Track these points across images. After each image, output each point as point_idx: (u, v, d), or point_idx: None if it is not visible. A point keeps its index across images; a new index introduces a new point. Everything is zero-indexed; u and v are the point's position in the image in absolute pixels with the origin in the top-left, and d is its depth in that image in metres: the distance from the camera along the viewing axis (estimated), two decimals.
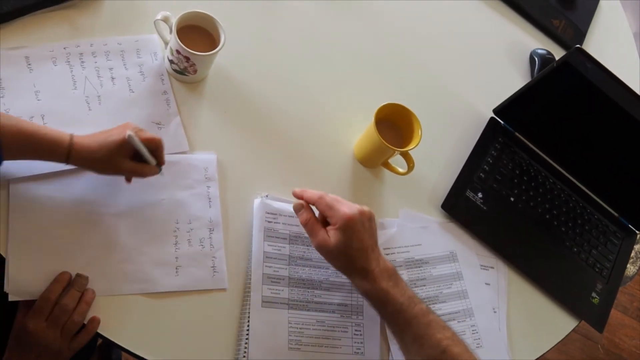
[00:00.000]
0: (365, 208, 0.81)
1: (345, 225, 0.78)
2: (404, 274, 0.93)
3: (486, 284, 0.98)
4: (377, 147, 0.93)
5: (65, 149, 0.75)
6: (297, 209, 0.83)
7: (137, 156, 0.79)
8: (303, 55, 1.05)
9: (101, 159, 0.76)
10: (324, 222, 0.82)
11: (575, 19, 1.34)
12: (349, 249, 0.79)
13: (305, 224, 0.82)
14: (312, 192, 0.83)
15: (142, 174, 0.80)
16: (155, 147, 0.79)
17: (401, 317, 0.78)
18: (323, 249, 0.80)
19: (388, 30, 1.16)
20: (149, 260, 0.81)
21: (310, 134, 0.99)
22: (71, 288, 0.75)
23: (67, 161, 0.76)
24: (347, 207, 0.80)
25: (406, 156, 0.94)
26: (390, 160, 0.98)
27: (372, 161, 0.99)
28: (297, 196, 0.84)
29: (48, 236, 0.78)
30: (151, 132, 0.83)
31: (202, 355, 0.80)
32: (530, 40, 1.29)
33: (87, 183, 0.82)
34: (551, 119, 1.10)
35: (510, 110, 1.12)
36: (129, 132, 0.75)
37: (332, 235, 0.79)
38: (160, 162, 0.81)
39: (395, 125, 0.96)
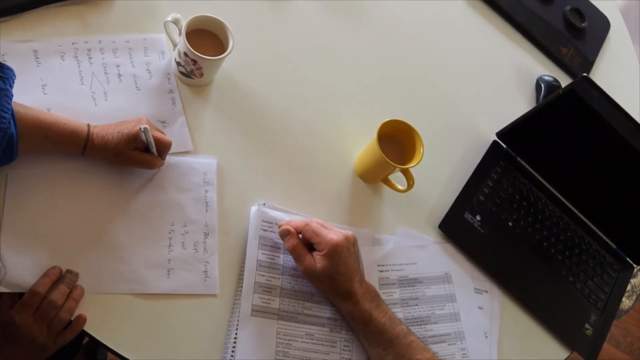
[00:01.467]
0: (350, 233, 0.84)
1: (332, 251, 0.81)
2: (397, 292, 0.92)
3: (479, 307, 0.97)
4: (378, 163, 0.92)
5: (84, 139, 0.78)
6: (284, 235, 0.85)
7: (145, 150, 0.81)
8: (311, 65, 1.06)
9: (114, 149, 0.79)
10: (310, 247, 0.84)
11: (583, 48, 1.34)
12: (335, 273, 0.82)
13: (292, 250, 0.84)
14: (297, 221, 0.86)
15: (152, 166, 0.83)
16: (164, 147, 0.82)
17: (383, 338, 0.81)
18: (310, 274, 0.83)
19: (398, 45, 1.16)
20: (142, 260, 0.80)
21: (312, 145, 0.99)
22: (61, 283, 0.75)
23: (83, 152, 0.79)
24: (333, 233, 0.83)
25: (406, 174, 0.94)
26: (390, 177, 0.98)
27: (372, 176, 0.98)
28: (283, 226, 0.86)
29: (41, 229, 0.77)
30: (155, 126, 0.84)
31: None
32: (538, 67, 1.29)
33: (85, 180, 0.81)
34: (554, 146, 1.10)
35: (514, 134, 1.11)
36: (144, 126, 0.77)
37: (318, 261, 0.82)
38: (162, 159, 0.84)
39: (397, 141, 0.96)
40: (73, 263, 0.77)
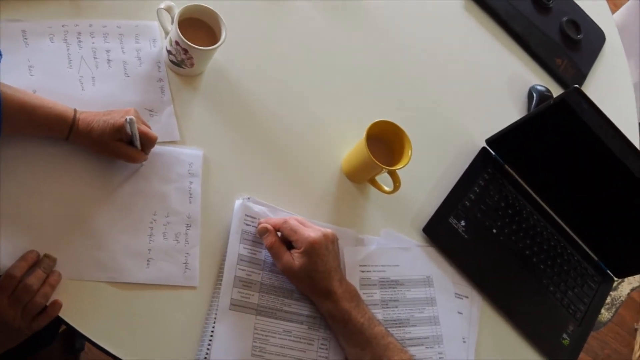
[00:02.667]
0: (329, 231, 0.84)
1: (310, 248, 0.81)
2: (377, 293, 0.92)
3: (459, 312, 0.97)
4: (366, 163, 0.92)
5: (69, 124, 0.77)
6: (262, 233, 0.85)
7: (129, 142, 0.80)
8: (303, 62, 1.05)
9: (98, 138, 0.78)
10: (289, 245, 0.84)
11: (577, 60, 1.34)
12: (313, 271, 0.82)
13: (270, 248, 0.84)
14: (276, 218, 0.87)
15: (134, 160, 0.81)
16: (148, 142, 0.81)
17: (361, 337, 0.81)
18: (288, 271, 0.83)
19: (392, 48, 1.16)
20: (121, 249, 0.80)
21: (300, 142, 0.98)
22: (37, 268, 0.74)
23: (68, 137, 0.78)
24: (311, 230, 0.83)
25: (393, 175, 0.93)
26: (377, 178, 0.97)
27: (359, 176, 0.98)
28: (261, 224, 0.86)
29: (20, 212, 0.76)
30: (143, 119, 0.83)
31: (163, 352, 0.78)
32: (531, 76, 1.29)
33: (68, 165, 0.80)
34: (542, 156, 1.10)
35: (503, 142, 1.12)
36: (129, 117, 0.76)
37: (296, 259, 0.82)
38: (145, 154, 0.82)
39: (386, 142, 0.96)
40: (51, 248, 0.76)
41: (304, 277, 0.82)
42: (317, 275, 0.82)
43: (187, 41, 0.84)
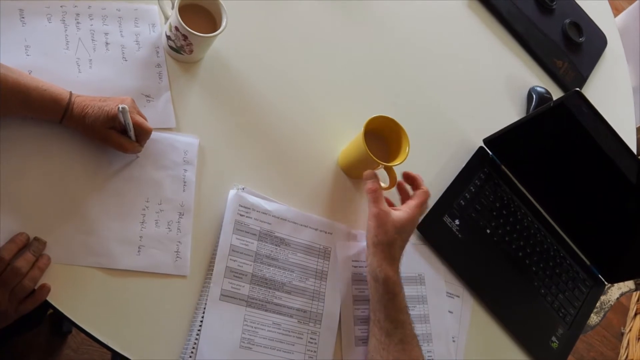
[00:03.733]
0: None
1: (417, 218, 0.87)
2: (369, 289, 0.91)
3: (449, 311, 0.97)
4: (363, 158, 0.91)
5: (63, 107, 0.75)
6: (369, 176, 0.87)
7: (123, 131, 0.79)
8: (303, 54, 1.04)
9: (91, 124, 0.76)
10: None
11: (578, 63, 1.34)
12: (403, 233, 0.85)
13: (373, 191, 0.85)
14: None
15: (125, 150, 0.79)
16: (142, 134, 0.79)
17: (399, 318, 0.81)
18: (383, 217, 0.84)
19: (392, 44, 1.15)
20: (113, 235, 0.79)
21: (297, 134, 0.97)
22: (27, 251, 0.73)
23: (61, 120, 0.76)
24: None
25: (389, 171, 0.93)
26: None
27: (355, 171, 0.97)
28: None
29: (11, 194, 0.75)
30: (139, 105, 0.82)
31: (151, 340, 0.77)
32: (531, 77, 1.29)
33: (61, 147, 0.79)
34: (539, 158, 1.10)
35: (500, 142, 1.11)
36: (122, 105, 0.74)
37: (398, 212, 0.85)
38: (140, 145, 0.81)
39: (383, 138, 0.95)
40: (41, 231, 0.75)
41: (393, 230, 0.83)
42: (401, 238, 0.84)
43: (187, 27, 0.83)
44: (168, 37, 0.88)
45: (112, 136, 0.78)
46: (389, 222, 0.83)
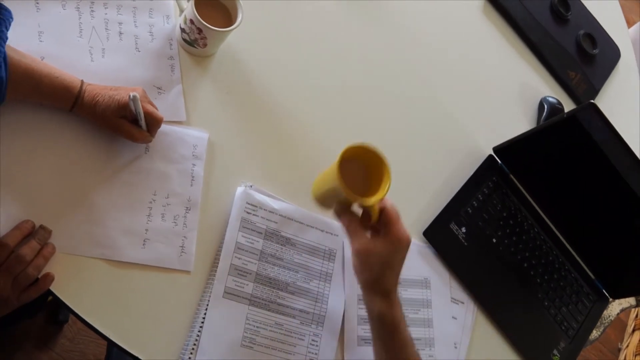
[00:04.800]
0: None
1: (402, 243, 0.75)
2: None
3: (453, 317, 0.96)
4: (333, 190, 0.74)
5: (75, 95, 0.75)
6: (339, 214, 0.77)
7: (134, 121, 0.78)
8: (316, 56, 1.03)
9: (102, 112, 0.76)
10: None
11: (591, 75, 1.33)
12: (391, 265, 0.74)
13: (348, 225, 0.75)
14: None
15: (135, 139, 0.79)
16: (154, 122, 0.79)
17: (402, 354, 0.75)
18: (364, 253, 0.74)
19: (406, 46, 1.14)
20: (118, 226, 0.78)
21: (305, 135, 0.96)
22: (32, 239, 0.72)
23: (72, 108, 0.76)
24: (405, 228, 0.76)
25: (369, 208, 0.75)
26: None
27: (329, 203, 0.79)
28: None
29: (18, 180, 0.74)
30: (150, 97, 0.81)
31: (152, 334, 0.77)
32: (543, 87, 1.28)
33: (71, 136, 0.78)
34: (548, 169, 1.09)
35: (510, 151, 1.10)
36: (133, 94, 0.74)
37: (381, 243, 0.74)
38: (151, 135, 0.80)
39: (364, 167, 0.77)
40: (47, 219, 0.74)
41: (380, 265, 0.73)
42: (391, 271, 0.74)
43: (202, 20, 0.82)
44: (182, 30, 0.87)
45: (123, 125, 0.77)
46: (371, 257, 0.74)
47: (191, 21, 0.83)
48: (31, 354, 1.45)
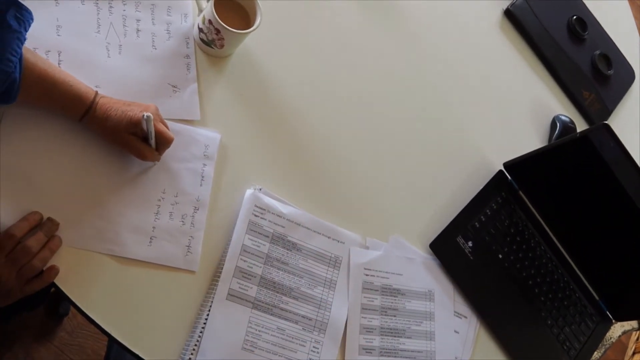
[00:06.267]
0: None
1: None
2: (378, 300, 0.91)
3: (455, 331, 0.96)
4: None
5: (86, 106, 0.74)
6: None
7: (144, 138, 0.77)
8: (332, 63, 1.03)
9: (112, 127, 0.75)
10: None
11: (604, 96, 1.33)
12: None
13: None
14: None
15: (143, 157, 0.78)
16: (163, 142, 0.78)
17: None
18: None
19: (421, 56, 1.14)
20: (126, 223, 0.78)
21: (317, 141, 0.96)
22: (39, 230, 0.72)
23: (81, 118, 0.75)
24: None
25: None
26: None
27: None
28: None
29: (28, 172, 0.74)
30: (165, 94, 0.81)
31: (153, 332, 0.76)
32: (556, 105, 1.27)
33: (82, 131, 0.78)
34: (557, 187, 1.08)
35: (520, 167, 1.10)
36: (147, 114, 0.73)
37: None
38: (159, 154, 0.80)
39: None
40: (55, 212, 0.74)
41: None
42: None
43: (220, 21, 0.82)
44: (200, 30, 0.87)
45: (133, 142, 0.77)
46: None
47: (210, 21, 0.84)
48: (30, 346, 1.45)
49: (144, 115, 0.73)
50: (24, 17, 0.68)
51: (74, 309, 0.77)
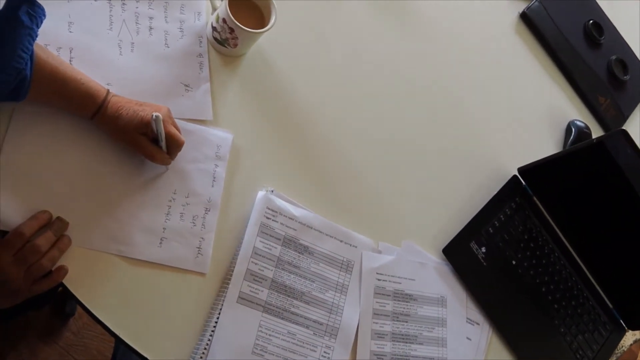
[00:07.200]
0: None
1: None
2: (390, 305, 0.89)
3: (467, 338, 0.94)
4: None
5: (97, 104, 0.73)
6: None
7: (155, 140, 0.76)
8: (348, 63, 1.02)
9: (123, 126, 0.74)
10: None
11: (620, 101, 1.31)
12: None
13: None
14: None
15: (153, 159, 0.77)
16: (174, 145, 0.77)
17: None
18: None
19: (437, 60, 1.13)
20: (136, 223, 0.77)
21: (329, 143, 0.95)
22: (48, 230, 0.71)
23: (93, 117, 0.74)
24: None
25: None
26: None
27: None
28: None
29: (38, 170, 0.73)
30: (177, 93, 0.80)
31: (162, 335, 0.75)
32: (572, 110, 1.26)
33: (92, 130, 0.77)
34: (572, 193, 1.07)
35: (535, 173, 1.08)
36: (156, 114, 0.72)
37: None
38: (170, 157, 0.78)
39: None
40: (65, 211, 0.73)
41: None
42: None
43: (235, 20, 0.81)
44: (214, 28, 0.86)
45: (142, 143, 0.75)
46: None
47: (224, 20, 0.82)
48: (35, 346, 1.44)
49: (153, 116, 0.72)
50: (36, 13, 0.67)
51: (80, 309, 0.75)
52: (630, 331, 1.17)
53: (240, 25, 0.81)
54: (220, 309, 0.77)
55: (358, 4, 1.06)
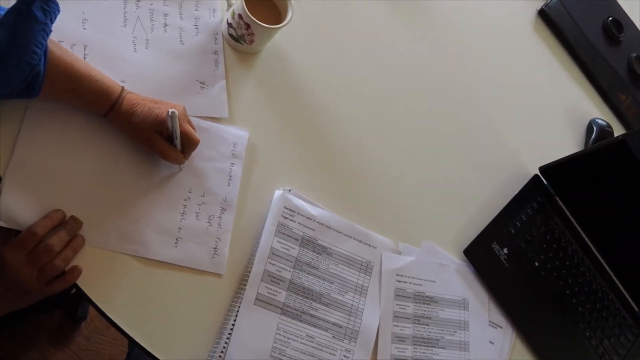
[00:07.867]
0: None
1: None
2: (411, 307, 0.87)
3: (490, 342, 0.91)
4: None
5: (112, 101, 0.71)
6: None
7: (170, 139, 0.74)
8: (363, 63, 1.00)
9: (138, 123, 0.72)
10: None
11: None
12: None
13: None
14: None
15: (167, 157, 0.75)
16: (189, 144, 0.75)
17: None
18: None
19: (454, 57, 1.11)
20: (151, 223, 0.75)
21: (347, 142, 0.93)
22: (62, 229, 0.69)
23: (107, 114, 0.73)
24: None
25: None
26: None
27: None
28: None
29: (52, 169, 0.72)
30: (192, 91, 0.78)
31: (177, 338, 0.73)
32: (592, 108, 1.23)
33: (107, 128, 0.75)
34: (594, 193, 1.04)
35: (557, 172, 1.06)
36: (172, 110, 0.70)
37: None
38: (184, 157, 0.76)
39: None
40: (79, 211, 0.71)
41: None
42: None
43: (251, 16, 0.79)
44: (229, 25, 0.84)
45: (157, 141, 0.73)
46: None
47: (239, 16, 0.81)
48: (45, 350, 1.43)
49: (169, 112, 0.70)
50: (50, 9, 0.66)
51: (92, 313, 0.73)
52: None
53: (257, 21, 0.79)
54: (237, 311, 0.75)
55: (374, 3, 1.04)
